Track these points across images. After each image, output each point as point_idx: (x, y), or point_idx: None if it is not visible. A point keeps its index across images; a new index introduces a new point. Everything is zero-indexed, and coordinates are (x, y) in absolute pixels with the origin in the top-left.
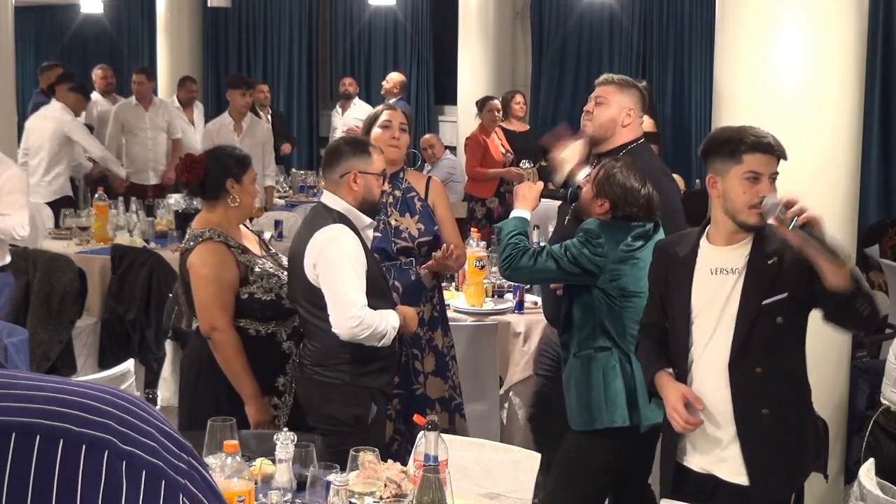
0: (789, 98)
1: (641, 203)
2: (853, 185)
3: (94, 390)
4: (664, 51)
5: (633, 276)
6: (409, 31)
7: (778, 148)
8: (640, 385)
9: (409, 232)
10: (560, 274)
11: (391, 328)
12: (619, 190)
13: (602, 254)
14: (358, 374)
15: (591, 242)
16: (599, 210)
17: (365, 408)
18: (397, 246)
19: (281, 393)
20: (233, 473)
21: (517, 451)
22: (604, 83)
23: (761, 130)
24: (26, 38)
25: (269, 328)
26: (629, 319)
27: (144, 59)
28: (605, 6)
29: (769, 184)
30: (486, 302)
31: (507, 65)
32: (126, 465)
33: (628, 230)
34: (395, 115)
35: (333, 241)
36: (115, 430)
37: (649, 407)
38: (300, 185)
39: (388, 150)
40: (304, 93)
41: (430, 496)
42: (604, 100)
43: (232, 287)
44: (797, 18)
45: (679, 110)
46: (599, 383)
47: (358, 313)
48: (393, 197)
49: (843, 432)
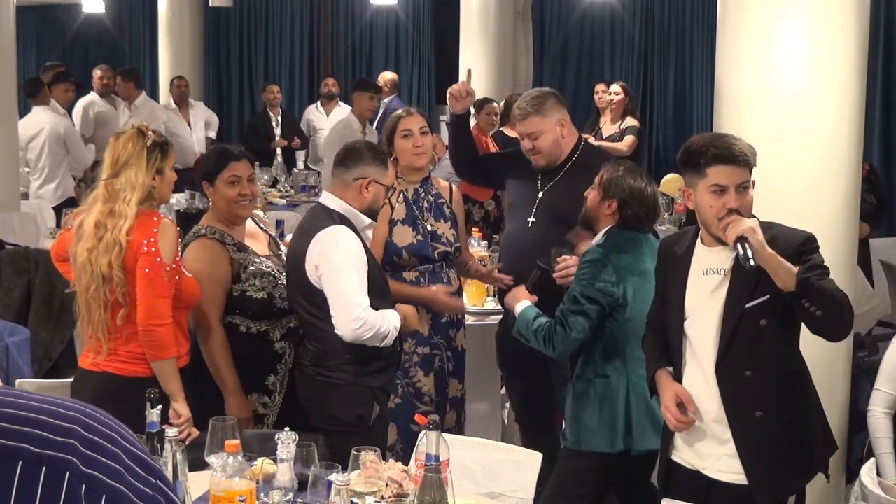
0: (790, 98)
1: (648, 201)
2: (854, 184)
3: (61, 408)
4: (666, 50)
5: (640, 299)
6: (411, 31)
7: (743, 157)
8: (635, 411)
9: (447, 237)
10: (594, 321)
11: (393, 328)
12: (626, 189)
13: (613, 281)
14: (360, 374)
15: (600, 272)
16: (607, 211)
17: (367, 407)
18: (437, 251)
19: (270, 392)
20: (234, 473)
21: (518, 451)
22: (523, 117)
23: (729, 140)
24: (28, 38)
25: (262, 327)
26: (633, 342)
27: (146, 59)
28: (607, 6)
29: (736, 195)
30: (487, 302)
31: (509, 64)
32: (86, 488)
33: (632, 252)
34: (412, 122)
35: (335, 243)
36: (77, 452)
37: (644, 434)
38: (301, 185)
39: (414, 159)
40: (306, 92)
41: (431, 496)
42: (537, 132)
43: (222, 284)
44: (798, 18)
45: (680, 110)
46: (594, 408)
47: (361, 314)
48: (427, 202)
49: (844, 432)
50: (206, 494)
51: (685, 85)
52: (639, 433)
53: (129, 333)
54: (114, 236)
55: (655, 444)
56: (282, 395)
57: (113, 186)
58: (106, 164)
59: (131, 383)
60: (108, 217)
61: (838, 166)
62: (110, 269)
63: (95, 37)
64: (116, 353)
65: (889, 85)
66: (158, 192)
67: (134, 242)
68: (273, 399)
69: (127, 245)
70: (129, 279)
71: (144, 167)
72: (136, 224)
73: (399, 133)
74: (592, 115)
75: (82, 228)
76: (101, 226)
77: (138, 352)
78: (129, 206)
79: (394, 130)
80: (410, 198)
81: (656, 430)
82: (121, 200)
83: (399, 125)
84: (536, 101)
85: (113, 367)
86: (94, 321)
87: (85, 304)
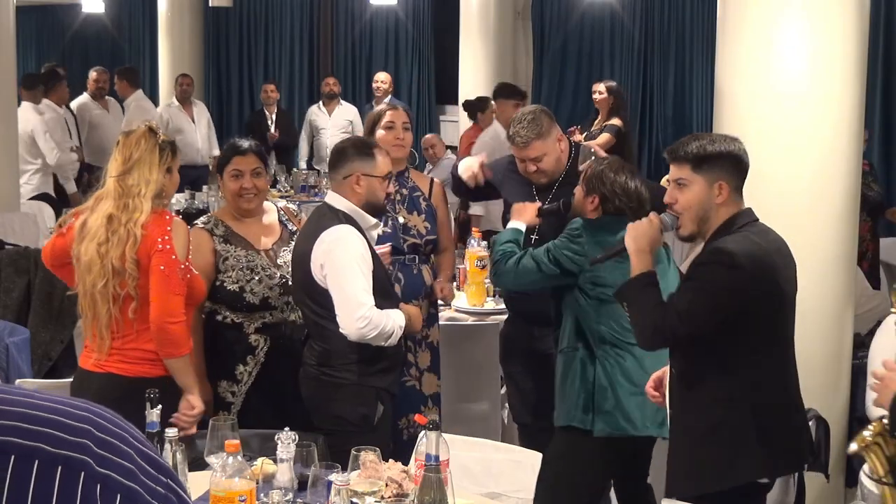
0: (790, 97)
1: (632, 195)
2: (854, 183)
3: (73, 408)
4: (665, 50)
5: (614, 278)
6: (411, 31)
7: (678, 153)
8: (598, 391)
9: (418, 230)
10: (541, 276)
11: (398, 327)
12: (607, 184)
13: (582, 252)
14: (364, 374)
15: (573, 241)
16: (590, 207)
17: (371, 407)
18: (407, 243)
19: (238, 381)
20: (234, 473)
21: (518, 451)
22: (525, 144)
23: (692, 136)
24: (28, 38)
25: (238, 317)
26: (606, 323)
27: (146, 59)
28: (607, 6)
29: (676, 190)
30: (486, 301)
31: (509, 64)
32: (101, 487)
33: (613, 231)
34: (397, 115)
35: (340, 242)
36: (91, 452)
37: (608, 416)
38: (301, 185)
39: (392, 150)
40: (305, 92)
41: (431, 496)
42: (540, 154)
43: (203, 272)
44: (798, 17)
45: (680, 110)
46: (566, 381)
47: (366, 314)
48: (400, 195)
49: (844, 432)
50: (206, 494)
51: (685, 85)
52: (599, 413)
53: (138, 330)
54: (128, 228)
55: (615, 428)
56: (247, 385)
57: (125, 182)
58: (117, 162)
59: (135, 384)
60: (123, 211)
61: (838, 166)
62: (122, 261)
63: (95, 37)
64: (122, 353)
65: (889, 85)
66: (167, 191)
67: (148, 238)
68: (239, 388)
69: (141, 238)
70: (140, 273)
71: (157, 164)
72: (150, 220)
73: (383, 125)
74: (592, 114)
75: (86, 228)
76: (114, 219)
77: (145, 351)
78: (145, 201)
79: (376, 122)
80: None
81: (623, 415)
82: (135, 195)
83: (384, 117)
84: (534, 124)
85: (117, 367)
86: (100, 318)
87: (90, 301)
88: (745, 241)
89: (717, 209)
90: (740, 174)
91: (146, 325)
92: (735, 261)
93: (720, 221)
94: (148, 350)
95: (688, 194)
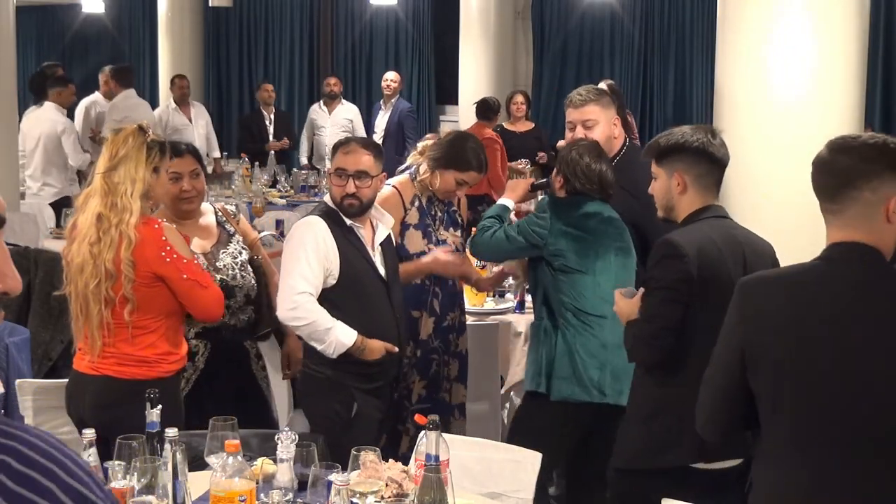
0: (790, 98)
1: (593, 178)
2: None
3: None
4: (665, 50)
5: (575, 252)
6: (411, 31)
7: (645, 148)
8: (558, 358)
9: (455, 246)
10: (510, 247)
11: (336, 339)
12: (571, 165)
13: (546, 227)
14: (339, 370)
15: (538, 216)
16: (557, 185)
17: (344, 404)
18: None
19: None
20: (234, 473)
21: (518, 451)
22: (581, 103)
23: (665, 132)
24: (28, 38)
25: None
26: (567, 293)
27: (146, 59)
28: (607, 6)
29: (653, 181)
30: (487, 301)
31: (509, 64)
32: None
33: (578, 207)
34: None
35: (298, 228)
36: (4, 488)
37: (564, 381)
38: (301, 185)
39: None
40: (305, 92)
41: (431, 496)
42: (593, 122)
43: None
44: (798, 18)
45: (680, 110)
46: (532, 348)
47: (297, 299)
48: (440, 211)
49: None
50: (206, 494)
51: (685, 85)
52: (559, 379)
53: (134, 335)
54: (120, 230)
55: (572, 393)
56: (184, 392)
57: (111, 180)
58: (104, 159)
59: (132, 387)
60: (111, 210)
61: None
62: (116, 264)
63: (95, 37)
64: (117, 356)
65: (889, 85)
66: (154, 192)
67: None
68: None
69: (136, 241)
70: (136, 275)
71: (144, 161)
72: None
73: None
74: None
75: (76, 228)
76: (104, 219)
77: (141, 355)
78: (133, 200)
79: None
80: (425, 205)
81: (579, 382)
82: (122, 194)
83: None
84: (596, 91)
85: (113, 370)
86: (91, 319)
87: (82, 302)
88: (694, 232)
89: (679, 199)
90: (701, 166)
91: (142, 329)
92: (678, 250)
93: (684, 213)
94: (144, 354)
95: (655, 185)
